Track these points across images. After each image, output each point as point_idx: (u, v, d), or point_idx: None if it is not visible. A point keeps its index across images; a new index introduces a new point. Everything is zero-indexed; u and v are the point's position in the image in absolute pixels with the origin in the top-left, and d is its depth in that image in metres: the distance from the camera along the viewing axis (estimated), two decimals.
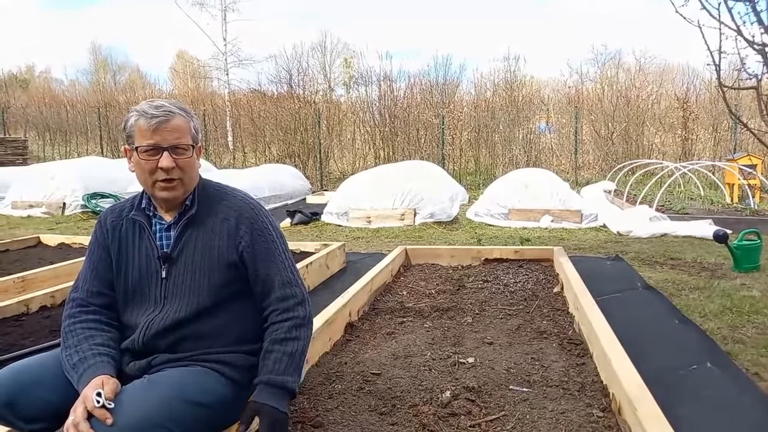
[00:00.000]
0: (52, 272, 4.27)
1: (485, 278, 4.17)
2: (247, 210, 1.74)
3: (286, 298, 1.70)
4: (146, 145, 1.61)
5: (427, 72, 16.21)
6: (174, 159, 1.62)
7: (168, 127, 1.62)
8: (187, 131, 1.66)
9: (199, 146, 1.74)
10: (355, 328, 3.08)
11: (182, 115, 1.66)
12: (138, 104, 1.67)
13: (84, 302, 1.69)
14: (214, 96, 20.50)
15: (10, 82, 25.64)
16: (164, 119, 1.61)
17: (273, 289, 1.70)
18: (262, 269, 1.70)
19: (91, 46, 40.34)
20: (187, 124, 1.67)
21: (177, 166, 1.63)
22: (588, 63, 31.47)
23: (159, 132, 1.61)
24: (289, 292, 1.71)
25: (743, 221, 6.64)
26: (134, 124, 1.63)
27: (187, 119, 1.67)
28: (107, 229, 1.75)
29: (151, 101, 1.66)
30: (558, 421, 2.00)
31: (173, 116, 1.63)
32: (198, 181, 1.76)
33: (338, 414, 2.10)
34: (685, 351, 2.83)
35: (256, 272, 1.70)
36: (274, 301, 1.69)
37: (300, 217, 7.71)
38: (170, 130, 1.62)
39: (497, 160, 14.36)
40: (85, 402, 1.36)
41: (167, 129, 1.62)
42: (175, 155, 1.63)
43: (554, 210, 7.25)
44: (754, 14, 3.04)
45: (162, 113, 1.61)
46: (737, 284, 4.15)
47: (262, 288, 1.71)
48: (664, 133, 14.15)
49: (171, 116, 1.63)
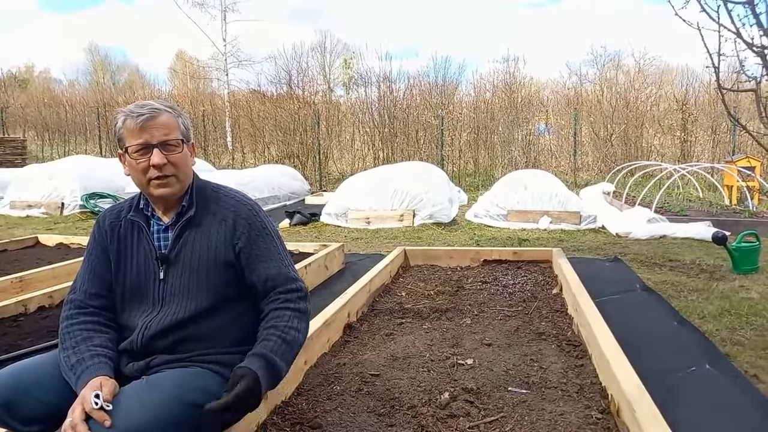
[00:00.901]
0: (50, 272, 4.26)
1: (484, 279, 4.17)
2: (243, 210, 1.74)
3: (289, 291, 1.70)
4: (136, 144, 1.61)
5: (426, 73, 16.25)
6: (165, 155, 1.62)
7: (155, 124, 1.62)
8: (175, 127, 1.67)
9: (191, 143, 1.74)
10: (353, 329, 3.08)
11: (169, 112, 1.66)
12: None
13: (82, 304, 1.68)
14: (214, 96, 20.48)
15: (9, 82, 25.59)
16: (150, 116, 1.61)
17: (276, 285, 1.70)
18: (262, 268, 1.70)
19: (89, 46, 40.31)
20: (174, 121, 1.67)
21: (169, 162, 1.63)
22: (587, 64, 31.52)
23: (147, 130, 1.61)
24: (293, 286, 1.72)
25: (742, 223, 6.64)
26: (122, 126, 1.63)
27: (174, 116, 1.68)
28: (106, 230, 1.74)
29: (138, 102, 1.67)
30: (557, 423, 2.00)
31: (159, 113, 1.64)
32: (195, 182, 1.76)
33: (337, 415, 2.09)
34: (684, 353, 2.83)
35: (257, 272, 1.70)
36: (277, 293, 1.69)
37: (299, 218, 7.71)
38: (158, 126, 1.62)
39: (496, 161, 14.37)
40: (84, 403, 1.36)
41: (154, 126, 1.62)
42: (165, 151, 1.63)
43: (553, 211, 7.25)
44: (754, 17, 3.04)
45: (148, 111, 1.62)
46: (736, 286, 4.15)
47: (263, 287, 1.70)
48: (663, 135, 14.16)
49: (157, 113, 1.63)
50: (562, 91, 16.38)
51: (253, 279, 1.70)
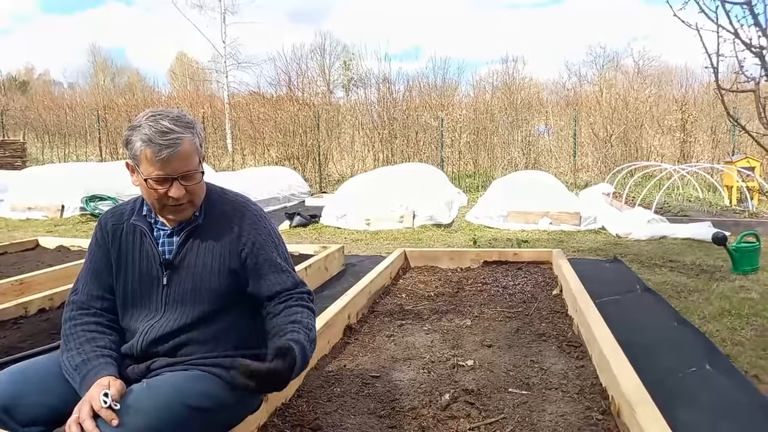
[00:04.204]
0: (50, 275, 4.25)
1: (484, 280, 4.17)
2: (249, 216, 1.73)
3: (301, 293, 1.71)
4: (155, 175, 1.54)
5: (426, 74, 16.28)
6: (184, 186, 1.58)
7: (178, 156, 1.54)
8: (194, 153, 1.59)
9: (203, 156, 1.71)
10: (354, 330, 3.08)
11: (189, 136, 1.57)
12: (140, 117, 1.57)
13: (84, 305, 1.68)
14: (213, 98, 20.48)
15: (9, 84, 25.61)
16: (173, 150, 1.52)
17: (286, 288, 1.69)
18: (270, 273, 1.69)
19: (89, 48, 40.35)
20: (194, 146, 1.58)
21: (186, 191, 1.60)
22: (586, 65, 31.51)
23: (169, 163, 1.53)
24: (304, 289, 1.73)
25: (742, 223, 6.65)
26: (140, 150, 1.53)
27: (193, 138, 1.58)
28: (108, 232, 1.73)
29: (155, 123, 1.53)
30: (557, 424, 2.00)
31: (182, 141, 1.54)
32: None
33: (337, 417, 2.09)
34: (684, 353, 2.83)
35: (265, 276, 1.68)
36: (289, 294, 1.68)
37: (299, 220, 7.71)
38: (179, 159, 1.54)
39: (496, 162, 14.38)
40: (92, 401, 1.35)
41: (176, 159, 1.54)
42: (184, 182, 1.58)
43: (553, 212, 7.25)
44: (752, 17, 3.05)
45: (170, 142, 1.52)
46: (736, 286, 4.15)
47: (270, 292, 1.68)
48: (663, 136, 14.16)
49: (179, 144, 1.53)
50: (561, 92, 16.40)
51: (259, 284, 1.69)
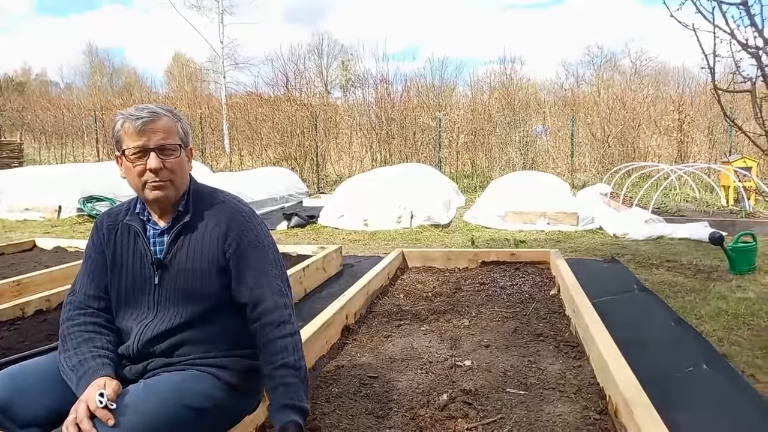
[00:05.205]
0: (47, 276, 4.25)
1: (482, 281, 4.17)
2: (237, 216, 1.73)
3: (278, 308, 1.67)
4: (133, 147, 1.60)
5: (424, 74, 16.31)
6: (162, 160, 1.61)
7: (154, 127, 1.61)
8: (174, 132, 1.65)
9: (189, 148, 1.73)
10: (351, 331, 3.08)
11: (168, 116, 1.65)
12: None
13: (82, 305, 1.68)
14: (211, 99, 20.46)
15: (5, 84, 25.55)
16: (149, 119, 1.60)
17: (263, 298, 1.66)
18: (250, 278, 1.68)
19: (87, 49, 40.29)
20: (173, 125, 1.66)
21: (165, 167, 1.62)
22: (584, 65, 31.57)
23: (145, 133, 1.60)
24: (281, 301, 1.69)
25: (738, 223, 6.67)
26: (121, 128, 1.62)
27: (173, 120, 1.66)
28: (103, 233, 1.74)
29: (137, 105, 1.66)
30: (555, 424, 2.01)
31: (158, 117, 1.62)
32: (191, 186, 1.75)
33: (335, 417, 2.10)
34: (682, 353, 2.84)
35: (245, 280, 1.67)
36: (266, 311, 1.65)
37: (297, 220, 7.71)
38: (156, 130, 1.61)
39: (494, 162, 14.39)
40: (88, 402, 1.35)
41: (153, 129, 1.60)
42: (162, 156, 1.62)
43: (550, 212, 7.26)
44: (748, 18, 3.06)
45: (147, 114, 1.60)
46: (733, 286, 4.17)
47: (249, 296, 1.67)
48: (660, 136, 14.19)
49: (156, 117, 1.62)
50: (559, 92, 16.44)
51: (240, 289, 1.67)
